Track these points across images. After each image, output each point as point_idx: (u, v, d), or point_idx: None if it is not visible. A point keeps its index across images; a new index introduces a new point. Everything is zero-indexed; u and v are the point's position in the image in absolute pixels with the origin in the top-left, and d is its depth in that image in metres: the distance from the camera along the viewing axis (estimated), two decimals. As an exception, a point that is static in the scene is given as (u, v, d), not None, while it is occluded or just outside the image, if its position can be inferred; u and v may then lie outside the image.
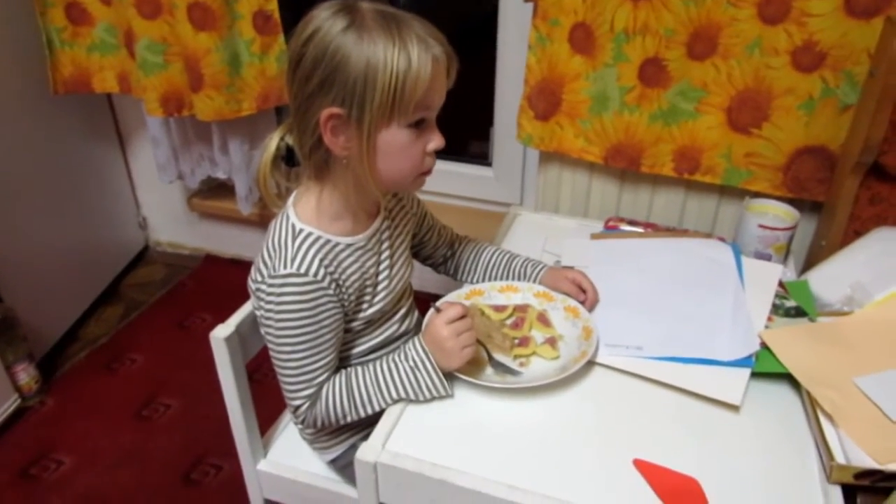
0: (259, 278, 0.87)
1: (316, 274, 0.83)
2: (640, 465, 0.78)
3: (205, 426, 1.63)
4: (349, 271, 0.88)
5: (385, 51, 0.75)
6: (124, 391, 1.76)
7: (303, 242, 0.85)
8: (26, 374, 1.68)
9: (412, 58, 0.76)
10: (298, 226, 0.86)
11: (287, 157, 0.90)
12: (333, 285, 0.86)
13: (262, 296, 0.85)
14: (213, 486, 1.49)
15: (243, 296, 0.97)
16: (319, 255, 0.85)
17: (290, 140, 0.88)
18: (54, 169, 1.86)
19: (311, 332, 0.85)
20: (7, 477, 1.52)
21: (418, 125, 0.82)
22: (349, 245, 0.89)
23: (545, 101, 1.41)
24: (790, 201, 1.23)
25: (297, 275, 0.83)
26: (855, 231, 1.24)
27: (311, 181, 0.89)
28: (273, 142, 0.88)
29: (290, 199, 0.90)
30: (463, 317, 0.87)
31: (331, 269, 0.86)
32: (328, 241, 0.87)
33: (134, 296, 2.14)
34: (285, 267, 0.83)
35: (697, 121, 1.33)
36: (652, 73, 1.31)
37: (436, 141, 0.85)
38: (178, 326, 2.00)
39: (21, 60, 1.69)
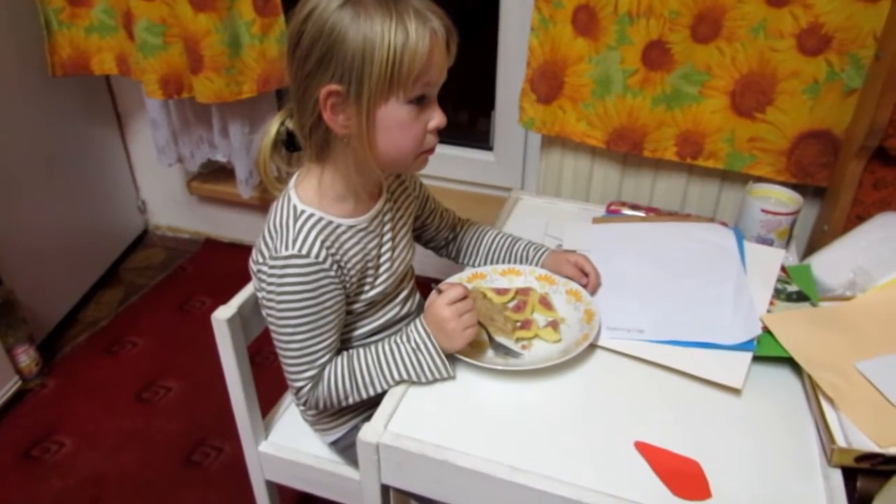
0: (260, 259, 0.86)
1: (317, 255, 0.83)
2: (642, 448, 0.78)
3: (206, 408, 1.63)
4: (351, 253, 0.88)
5: (382, 25, 0.74)
6: (125, 374, 1.76)
7: (304, 223, 0.85)
8: (27, 357, 1.68)
9: (409, 31, 0.75)
10: (300, 207, 0.86)
11: (287, 142, 0.89)
12: (335, 267, 0.85)
13: (264, 277, 0.85)
14: (214, 468, 1.50)
15: (243, 280, 0.97)
16: (321, 237, 0.84)
17: (290, 124, 0.88)
18: (53, 152, 1.85)
19: (313, 313, 0.85)
20: (8, 458, 1.52)
21: (419, 102, 0.81)
22: (351, 226, 0.89)
23: (547, 84, 1.40)
24: (793, 186, 1.23)
25: (299, 256, 0.82)
26: (858, 216, 1.24)
27: (312, 162, 0.88)
28: (273, 126, 0.88)
29: (292, 181, 0.90)
30: (464, 297, 0.87)
31: (332, 250, 0.85)
32: (330, 223, 0.86)
33: (133, 279, 2.14)
34: (287, 248, 0.83)
35: (701, 105, 1.32)
36: (655, 56, 1.30)
37: (437, 118, 0.84)
38: (178, 310, 2.00)
39: (19, 42, 1.68)
